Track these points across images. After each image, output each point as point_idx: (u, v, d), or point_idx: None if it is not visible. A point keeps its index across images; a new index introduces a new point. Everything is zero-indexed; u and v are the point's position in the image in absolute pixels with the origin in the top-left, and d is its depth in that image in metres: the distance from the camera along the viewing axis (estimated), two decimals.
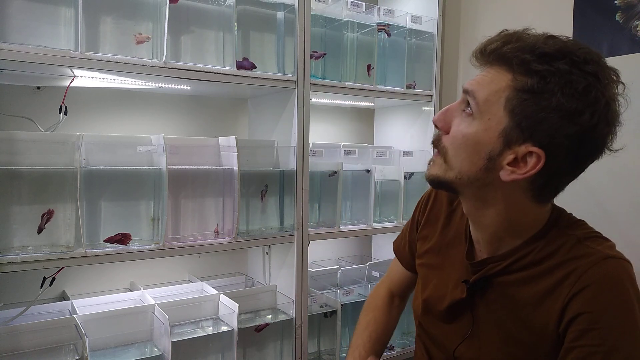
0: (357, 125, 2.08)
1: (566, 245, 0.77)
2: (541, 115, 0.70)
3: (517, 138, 0.72)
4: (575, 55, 0.71)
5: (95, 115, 1.48)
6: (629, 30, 1.39)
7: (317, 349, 1.63)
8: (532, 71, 0.70)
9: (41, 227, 1.12)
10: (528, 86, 0.70)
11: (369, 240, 2.13)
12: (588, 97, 0.69)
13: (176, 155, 1.31)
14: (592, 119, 0.69)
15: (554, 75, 0.69)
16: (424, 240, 1.00)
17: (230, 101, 1.74)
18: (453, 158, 0.77)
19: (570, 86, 0.69)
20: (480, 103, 0.74)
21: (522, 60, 0.71)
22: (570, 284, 0.73)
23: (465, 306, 0.85)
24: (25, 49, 1.06)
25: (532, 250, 0.78)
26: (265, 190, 1.45)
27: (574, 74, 0.70)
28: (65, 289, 1.46)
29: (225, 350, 1.37)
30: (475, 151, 0.75)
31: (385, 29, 1.66)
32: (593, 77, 0.70)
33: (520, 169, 0.72)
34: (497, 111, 0.73)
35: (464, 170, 0.76)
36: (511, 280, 0.80)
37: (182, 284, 1.59)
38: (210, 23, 1.33)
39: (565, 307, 0.73)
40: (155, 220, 1.27)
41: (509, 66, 0.73)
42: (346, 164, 1.62)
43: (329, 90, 1.55)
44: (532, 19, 1.64)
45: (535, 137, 0.71)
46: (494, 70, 0.75)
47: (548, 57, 0.71)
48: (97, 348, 1.21)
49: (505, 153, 0.73)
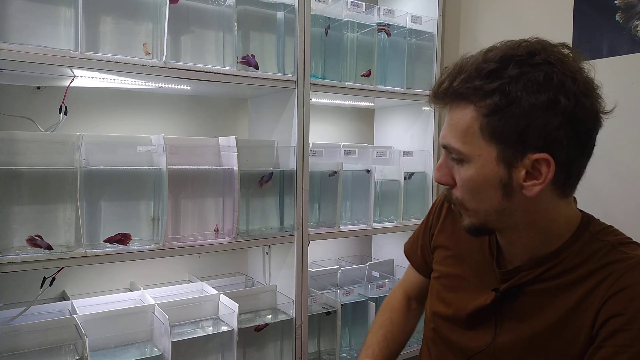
0: (357, 125, 2.08)
1: (600, 251, 0.75)
2: (522, 124, 0.69)
3: (515, 155, 0.71)
4: (518, 55, 0.71)
5: (95, 115, 1.48)
6: (629, 30, 1.39)
7: (317, 349, 1.63)
8: (489, 92, 0.70)
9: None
10: (493, 106, 0.70)
11: (369, 240, 2.13)
12: (552, 84, 0.69)
13: (176, 155, 1.31)
14: (569, 100, 0.69)
15: (510, 84, 0.69)
16: (442, 248, 0.98)
17: (230, 101, 1.74)
18: (471, 203, 0.77)
19: (531, 84, 0.69)
20: (461, 150, 0.74)
21: (475, 88, 0.71)
22: (606, 287, 0.72)
23: (489, 314, 0.84)
24: (25, 49, 1.06)
25: (565, 258, 0.77)
26: (267, 178, 1.44)
27: (527, 72, 0.69)
28: (65, 289, 1.46)
29: (225, 350, 1.37)
30: (487, 187, 0.74)
31: (385, 29, 1.66)
32: (546, 64, 0.70)
33: (538, 179, 0.71)
34: (480, 145, 0.73)
35: (487, 208, 0.76)
36: (544, 289, 0.78)
37: (182, 284, 1.59)
38: (210, 23, 1.33)
39: (599, 310, 0.72)
40: (155, 220, 1.27)
41: (466, 99, 0.73)
42: (346, 164, 1.62)
43: (329, 90, 1.55)
44: (532, 19, 1.64)
45: (530, 144, 0.70)
46: (455, 109, 0.75)
47: (495, 71, 0.70)
48: (97, 348, 1.21)
49: (514, 173, 0.72)
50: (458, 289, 0.91)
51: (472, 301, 0.86)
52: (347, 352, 1.69)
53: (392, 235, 1.97)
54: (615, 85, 1.30)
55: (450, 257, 0.95)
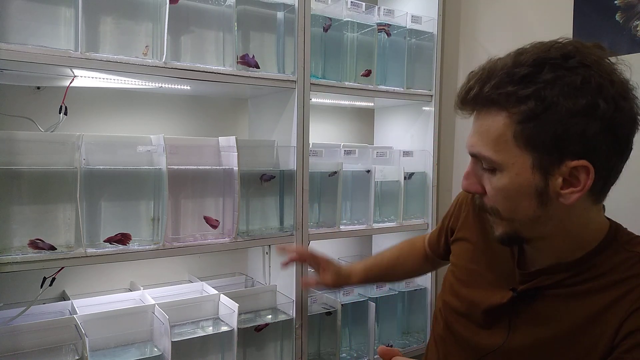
0: (357, 125, 2.08)
1: (628, 262, 0.74)
2: (560, 129, 0.66)
3: (552, 162, 0.68)
4: (552, 58, 0.68)
5: (95, 115, 1.48)
6: (629, 30, 1.39)
7: (317, 349, 1.63)
8: (523, 98, 0.67)
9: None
10: (528, 113, 0.67)
11: (369, 240, 2.13)
12: (590, 87, 0.66)
13: (176, 155, 1.31)
14: (608, 104, 0.66)
15: (546, 89, 0.66)
16: (462, 241, 0.97)
17: (230, 101, 1.74)
18: (506, 212, 0.75)
19: (568, 88, 0.66)
20: (493, 159, 0.71)
21: (508, 94, 0.68)
22: (632, 299, 0.71)
23: (504, 314, 0.82)
24: (25, 49, 1.06)
25: (590, 266, 0.75)
26: (269, 177, 1.44)
27: (563, 76, 0.67)
28: (65, 289, 1.46)
29: (225, 350, 1.37)
30: (522, 196, 0.72)
31: (385, 29, 1.66)
32: (582, 67, 0.67)
33: (576, 186, 0.69)
34: (514, 153, 0.70)
35: (523, 217, 0.74)
36: (565, 294, 0.76)
37: (182, 284, 1.59)
38: (210, 23, 1.33)
39: (623, 322, 0.70)
40: (155, 220, 1.27)
41: (498, 106, 0.70)
42: (346, 164, 1.62)
43: (329, 90, 1.55)
44: (532, 19, 1.64)
45: (568, 151, 0.67)
46: (485, 116, 0.72)
47: (529, 76, 0.68)
48: (97, 348, 1.21)
49: (551, 181, 0.70)
50: (473, 284, 0.90)
51: (488, 298, 0.85)
52: (347, 352, 1.69)
53: (392, 235, 1.97)
54: None
55: (468, 251, 0.94)
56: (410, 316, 1.83)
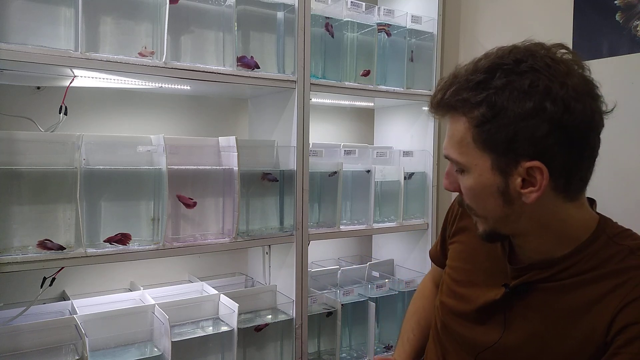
0: (357, 125, 2.08)
1: (618, 255, 0.75)
2: (511, 132, 0.69)
3: (508, 163, 0.72)
4: (505, 63, 0.71)
5: (95, 115, 1.48)
6: (629, 30, 1.39)
7: (317, 349, 1.63)
8: (476, 104, 0.71)
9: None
10: (481, 117, 0.71)
11: (369, 240, 2.13)
12: (538, 91, 0.68)
13: (176, 155, 1.31)
14: (556, 106, 0.68)
15: (496, 94, 0.69)
16: (457, 244, 0.99)
17: (230, 101, 1.74)
18: (480, 210, 0.79)
19: (515, 92, 0.69)
20: (459, 161, 0.76)
21: (464, 100, 0.72)
22: (623, 293, 0.71)
23: (499, 310, 0.84)
24: (25, 49, 1.06)
25: (580, 259, 0.76)
26: (272, 178, 1.45)
27: (513, 81, 0.69)
28: (65, 289, 1.46)
29: (225, 350, 1.37)
30: (488, 195, 0.75)
31: (385, 29, 1.66)
32: (531, 71, 0.69)
33: (535, 185, 0.71)
34: (475, 155, 0.74)
35: (494, 215, 0.77)
36: (556, 288, 0.78)
37: (182, 284, 1.59)
38: (210, 23, 1.33)
39: (616, 317, 0.71)
40: (155, 220, 1.27)
41: (457, 111, 0.74)
42: (346, 164, 1.62)
43: (329, 90, 1.55)
44: (532, 19, 1.64)
45: (521, 153, 0.70)
46: (451, 120, 0.77)
47: (482, 83, 0.71)
48: (97, 348, 1.21)
49: (510, 181, 0.73)
50: (469, 283, 0.91)
51: (482, 296, 0.86)
52: (347, 352, 1.69)
53: (392, 235, 1.97)
54: (615, 85, 1.30)
55: (463, 252, 0.96)
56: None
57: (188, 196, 1.33)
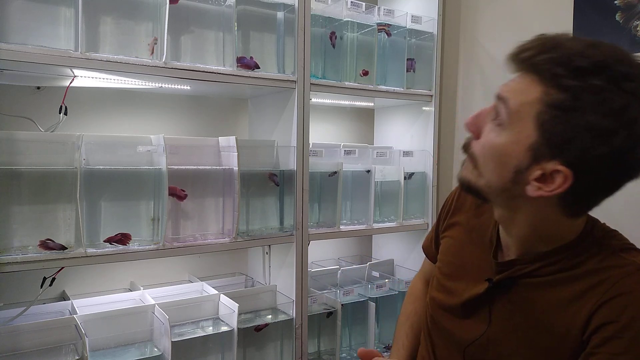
0: (357, 125, 2.08)
1: (600, 254, 0.75)
2: (571, 134, 0.66)
3: (546, 154, 0.68)
4: (614, 70, 0.65)
5: (95, 115, 1.48)
6: (629, 30, 1.39)
7: (317, 349, 1.63)
8: (564, 87, 0.66)
9: None
10: (559, 102, 0.66)
11: (369, 240, 2.13)
12: (624, 117, 0.64)
13: (176, 155, 1.31)
14: (627, 140, 0.65)
15: (586, 93, 0.65)
16: (448, 238, 0.99)
17: (230, 101, 1.74)
18: (482, 166, 0.76)
19: (604, 105, 0.64)
20: (511, 113, 0.71)
21: (554, 74, 0.67)
22: (601, 292, 0.72)
23: (483, 304, 0.84)
24: (25, 49, 1.06)
25: (563, 257, 0.77)
26: (274, 177, 1.45)
27: (609, 92, 0.64)
28: (65, 289, 1.46)
29: (225, 350, 1.37)
30: (503, 163, 0.72)
31: (385, 29, 1.66)
32: (632, 95, 0.64)
33: (547, 186, 0.69)
34: (526, 124, 0.69)
35: (492, 181, 0.75)
36: (537, 283, 0.78)
37: (182, 284, 1.59)
38: (210, 23, 1.33)
39: (592, 315, 0.71)
40: (155, 220, 1.27)
41: (541, 78, 0.69)
42: (346, 164, 1.62)
43: (329, 90, 1.55)
44: (532, 19, 1.64)
45: (564, 155, 0.67)
46: (526, 79, 0.71)
47: (582, 71, 0.65)
48: (97, 348, 1.21)
49: (533, 168, 0.70)
50: (457, 277, 0.92)
51: (468, 290, 0.87)
52: (347, 352, 1.69)
53: (392, 235, 1.97)
54: None
55: (452, 247, 0.96)
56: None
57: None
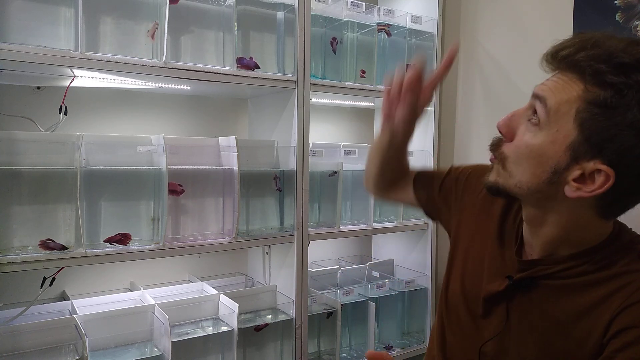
0: (357, 125, 2.08)
1: (625, 258, 0.73)
2: (613, 132, 0.64)
3: (586, 153, 0.67)
4: None
5: (95, 115, 1.48)
6: (629, 30, 1.39)
7: (317, 349, 1.63)
8: (607, 83, 0.64)
9: None
10: (601, 99, 0.65)
11: (369, 240, 2.13)
12: None
13: (176, 155, 1.31)
14: None
15: (630, 89, 0.63)
16: (459, 225, 0.96)
17: (230, 101, 1.74)
18: (514, 166, 0.74)
19: None
20: (550, 112, 0.69)
21: (596, 70, 0.65)
22: (623, 296, 0.70)
23: (501, 302, 0.83)
24: (25, 49, 1.06)
25: (588, 261, 0.75)
26: (277, 179, 1.46)
27: None
28: (65, 289, 1.46)
29: (225, 350, 1.37)
30: (539, 163, 0.71)
31: (385, 29, 1.66)
32: None
33: (587, 187, 0.68)
34: (566, 123, 0.68)
35: (525, 181, 0.73)
36: (559, 285, 0.77)
37: (182, 284, 1.59)
38: (210, 23, 1.33)
39: (614, 319, 0.70)
40: (155, 220, 1.27)
41: (581, 75, 0.67)
42: (346, 164, 1.62)
43: (329, 90, 1.55)
44: (532, 19, 1.64)
45: (606, 154, 0.66)
46: (565, 78, 0.69)
47: (626, 67, 0.64)
48: (97, 348, 1.21)
49: (572, 168, 0.68)
50: (478, 273, 0.89)
51: (488, 285, 0.85)
52: (347, 352, 1.69)
53: (392, 235, 1.97)
54: None
55: (476, 241, 0.93)
56: (410, 316, 1.83)
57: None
